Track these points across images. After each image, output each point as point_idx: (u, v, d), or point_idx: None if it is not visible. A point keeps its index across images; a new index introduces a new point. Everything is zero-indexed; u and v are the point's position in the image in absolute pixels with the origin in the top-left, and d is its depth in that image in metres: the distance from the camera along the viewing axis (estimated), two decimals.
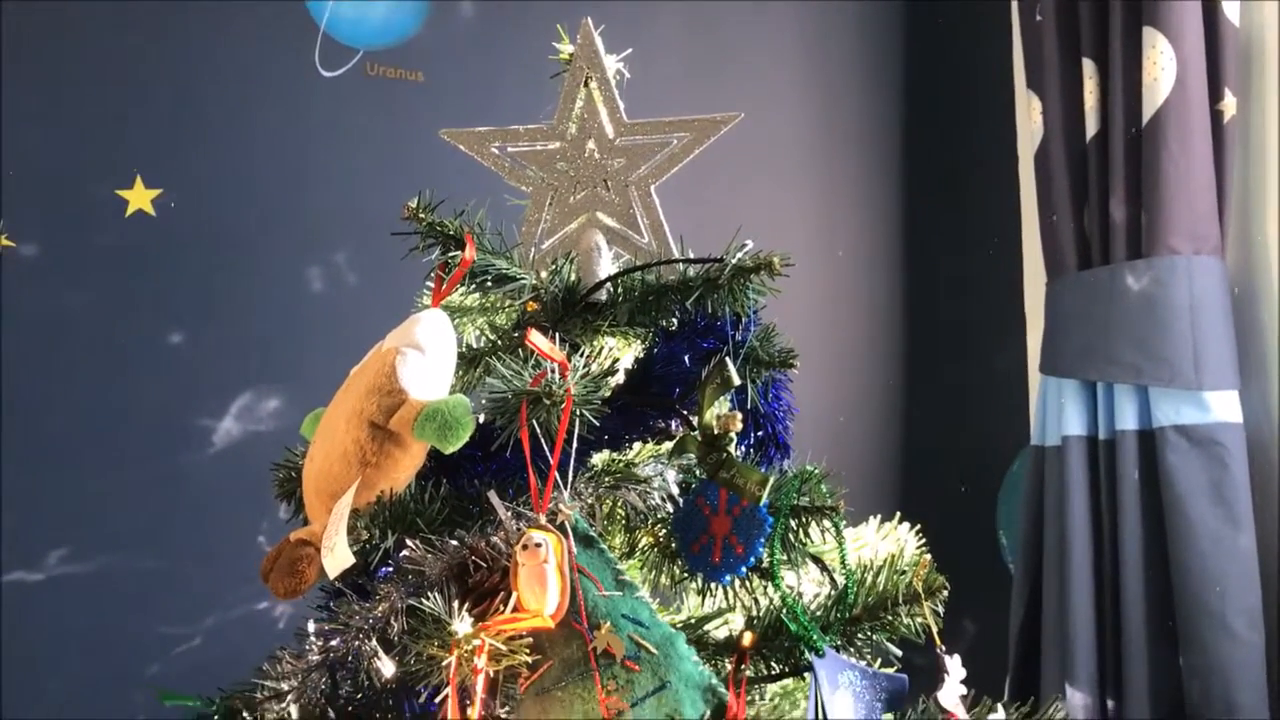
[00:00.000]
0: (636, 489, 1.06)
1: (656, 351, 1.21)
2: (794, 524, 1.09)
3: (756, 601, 1.10)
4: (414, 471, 1.07)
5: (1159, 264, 1.72)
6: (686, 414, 1.17)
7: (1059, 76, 1.90)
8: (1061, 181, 1.90)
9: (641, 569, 1.17)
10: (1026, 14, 1.99)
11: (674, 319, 1.20)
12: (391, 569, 0.99)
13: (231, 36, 1.96)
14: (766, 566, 1.06)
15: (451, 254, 1.15)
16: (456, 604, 0.91)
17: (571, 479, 1.00)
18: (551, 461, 0.96)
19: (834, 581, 1.12)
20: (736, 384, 1.09)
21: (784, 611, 1.03)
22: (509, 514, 0.96)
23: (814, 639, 1.01)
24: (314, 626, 1.02)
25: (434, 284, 1.16)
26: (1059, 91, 1.90)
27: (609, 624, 0.94)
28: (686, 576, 1.12)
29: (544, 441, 0.96)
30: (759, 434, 1.20)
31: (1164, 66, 1.71)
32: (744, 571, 1.05)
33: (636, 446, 1.21)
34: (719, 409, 1.09)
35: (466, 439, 1.00)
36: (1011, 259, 2.25)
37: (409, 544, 0.97)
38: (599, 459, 1.14)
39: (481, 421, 1.05)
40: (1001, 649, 1.98)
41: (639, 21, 2.10)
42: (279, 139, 1.98)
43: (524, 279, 1.18)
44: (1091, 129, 1.85)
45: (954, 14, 2.30)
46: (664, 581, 1.16)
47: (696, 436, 1.09)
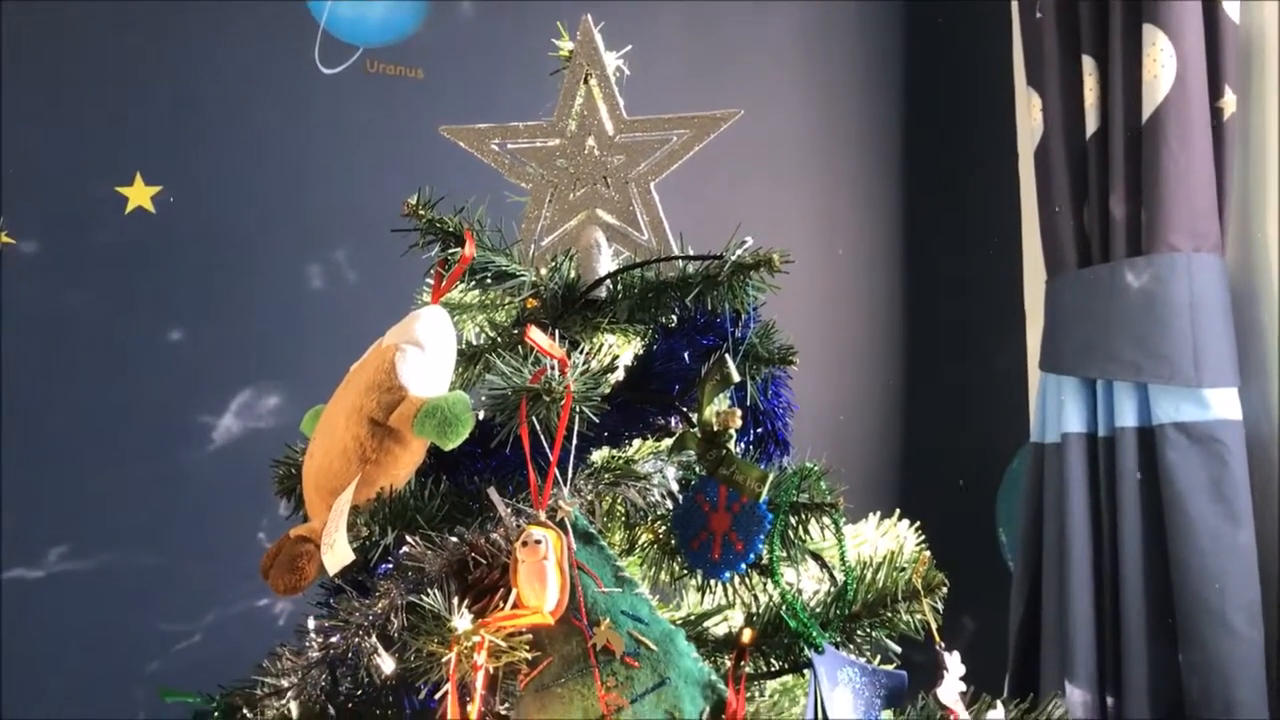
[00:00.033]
0: (636, 486, 1.06)
1: (656, 348, 1.21)
2: (793, 521, 1.09)
3: (756, 598, 1.10)
4: (414, 468, 1.07)
5: (1159, 261, 1.72)
6: (686, 411, 1.17)
7: (1059, 74, 1.89)
8: (1061, 179, 1.89)
9: (641, 565, 1.17)
10: (1026, 11, 1.99)
11: (673, 316, 1.20)
12: (391, 566, 0.99)
13: (231, 34, 1.96)
14: (766, 563, 1.06)
15: (451, 251, 1.15)
16: (456, 601, 0.91)
17: (571, 476, 1.00)
18: (551, 458, 0.96)
19: (833, 578, 1.12)
20: (736, 381, 1.10)
21: (783, 608, 1.03)
22: (509, 511, 0.96)
23: (813, 636, 1.01)
24: (314, 623, 1.02)
25: (434, 281, 1.16)
26: (1059, 89, 1.89)
27: (608, 620, 0.94)
28: (686, 573, 1.13)
29: (544, 438, 0.96)
30: (758, 431, 1.20)
31: (1164, 64, 1.71)
32: (743, 568, 1.05)
33: (636, 443, 1.21)
34: (719, 406, 1.09)
35: (466, 435, 1.00)
36: (1011, 256, 2.25)
37: (409, 540, 0.97)
38: (599, 456, 1.14)
39: (481, 418, 1.05)
40: (1001, 646, 1.98)
41: (639, 19, 2.10)
42: (279, 136, 1.98)
43: (524, 276, 1.18)
44: (1092, 126, 1.85)
45: (954, 12, 2.30)
46: (663, 578, 1.16)
47: (696, 433, 1.09)
